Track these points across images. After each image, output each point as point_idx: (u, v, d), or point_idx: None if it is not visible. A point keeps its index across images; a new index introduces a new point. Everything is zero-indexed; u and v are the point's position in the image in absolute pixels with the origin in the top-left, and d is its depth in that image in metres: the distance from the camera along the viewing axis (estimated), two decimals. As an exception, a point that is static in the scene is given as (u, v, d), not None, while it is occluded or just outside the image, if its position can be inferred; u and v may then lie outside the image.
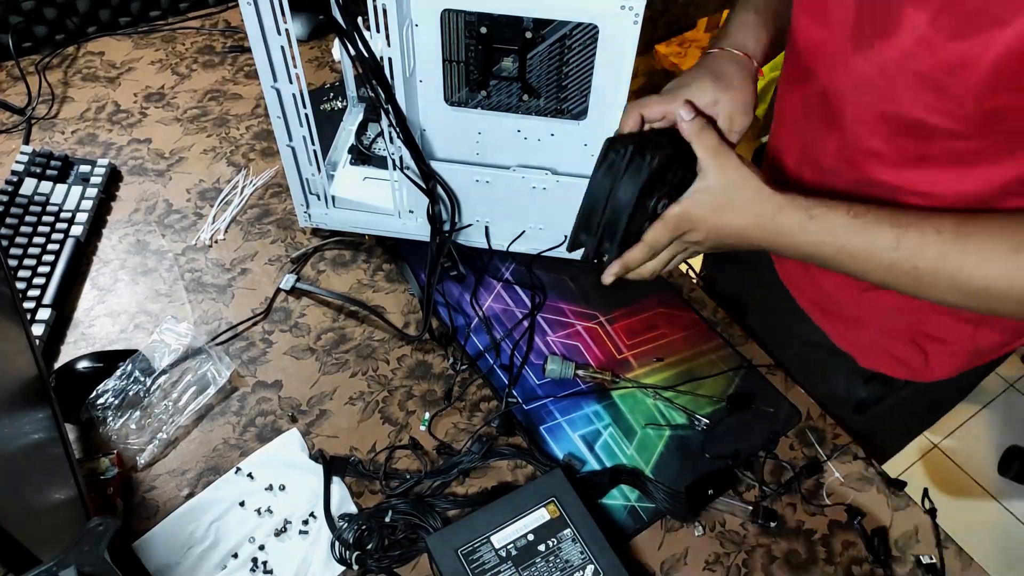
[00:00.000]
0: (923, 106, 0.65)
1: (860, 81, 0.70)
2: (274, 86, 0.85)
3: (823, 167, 0.80)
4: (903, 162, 0.71)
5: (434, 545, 0.72)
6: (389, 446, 0.84)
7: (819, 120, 0.78)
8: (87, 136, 1.18)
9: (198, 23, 1.40)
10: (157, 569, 0.75)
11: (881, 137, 0.71)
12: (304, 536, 0.78)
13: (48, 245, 0.99)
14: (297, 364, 0.92)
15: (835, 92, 0.74)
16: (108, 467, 0.79)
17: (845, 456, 0.84)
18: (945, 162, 0.68)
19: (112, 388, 0.85)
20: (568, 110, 0.85)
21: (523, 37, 0.79)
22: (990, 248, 0.64)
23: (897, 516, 0.80)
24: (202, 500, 0.80)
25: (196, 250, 1.03)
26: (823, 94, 0.76)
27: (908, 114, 0.66)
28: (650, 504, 0.80)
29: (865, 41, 0.68)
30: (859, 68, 0.69)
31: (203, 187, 1.11)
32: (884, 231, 0.66)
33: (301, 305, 0.98)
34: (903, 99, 0.66)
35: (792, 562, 0.77)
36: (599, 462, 0.83)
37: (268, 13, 0.78)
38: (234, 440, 0.85)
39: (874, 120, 0.70)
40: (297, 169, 0.95)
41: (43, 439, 0.70)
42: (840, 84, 0.73)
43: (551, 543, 0.73)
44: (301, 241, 1.05)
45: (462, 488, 0.82)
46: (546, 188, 0.91)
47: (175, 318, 0.93)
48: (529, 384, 0.90)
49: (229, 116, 1.22)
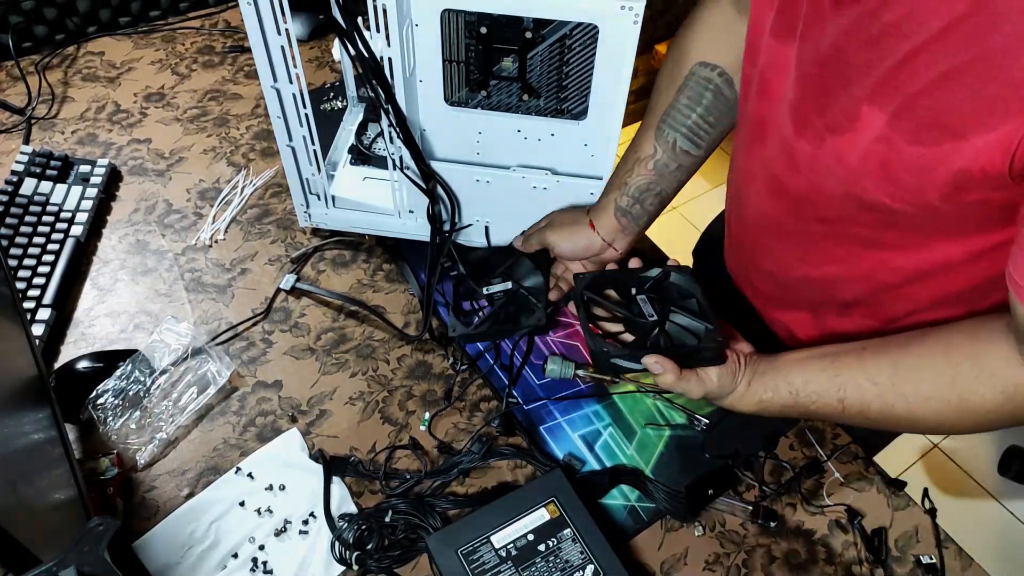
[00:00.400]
0: (885, 194, 0.65)
1: (812, 163, 0.69)
2: (274, 86, 0.85)
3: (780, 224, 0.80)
4: (864, 228, 0.71)
5: (434, 545, 0.72)
6: (389, 446, 0.84)
7: (766, 187, 0.79)
8: (87, 136, 1.18)
9: (198, 23, 1.40)
10: (157, 569, 0.75)
11: (835, 210, 0.71)
12: (304, 536, 0.78)
13: (48, 245, 0.99)
14: (297, 364, 0.92)
15: (783, 168, 0.74)
16: (108, 467, 0.79)
17: (845, 456, 0.84)
18: (909, 231, 0.68)
19: (112, 388, 0.85)
20: (568, 110, 0.85)
21: (523, 37, 0.79)
22: (929, 389, 0.66)
23: (897, 516, 0.80)
24: (202, 500, 0.80)
25: (196, 250, 1.03)
26: (773, 171, 0.76)
27: (868, 197, 0.66)
28: (650, 504, 0.80)
29: (813, 130, 0.67)
30: (807, 151, 0.69)
31: (203, 187, 1.11)
32: (828, 400, 0.71)
33: (301, 305, 0.98)
34: (863, 185, 0.65)
35: (792, 562, 0.77)
36: (599, 462, 0.83)
37: (268, 13, 0.78)
38: (234, 440, 0.85)
39: (828, 196, 0.70)
40: (297, 169, 0.95)
41: (43, 439, 0.70)
42: (784, 163, 0.73)
43: (551, 543, 0.73)
44: (301, 241, 1.05)
45: (462, 488, 0.82)
46: (546, 188, 0.91)
47: (175, 318, 0.93)
48: (529, 384, 0.90)
49: (229, 116, 1.22)
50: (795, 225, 0.77)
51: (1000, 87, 0.53)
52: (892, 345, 0.69)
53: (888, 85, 0.59)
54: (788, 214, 0.77)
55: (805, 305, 0.87)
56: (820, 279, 0.81)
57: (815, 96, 0.67)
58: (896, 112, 0.59)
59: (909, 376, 0.67)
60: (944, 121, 0.56)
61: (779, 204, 0.78)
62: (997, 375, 0.63)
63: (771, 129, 0.75)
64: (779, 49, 0.70)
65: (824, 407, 0.71)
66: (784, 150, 0.73)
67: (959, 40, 0.54)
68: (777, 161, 0.75)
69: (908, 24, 0.56)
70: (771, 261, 0.86)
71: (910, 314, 0.77)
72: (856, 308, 0.81)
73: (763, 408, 0.75)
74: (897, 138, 0.60)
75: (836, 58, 0.63)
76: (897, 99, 0.59)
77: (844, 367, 0.70)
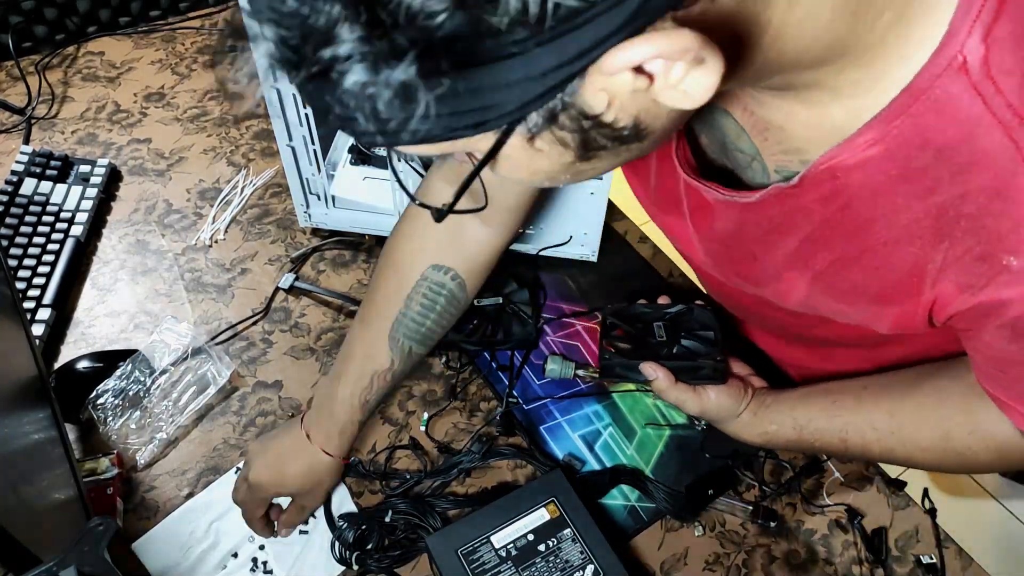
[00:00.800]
0: (817, 329, 0.66)
1: (758, 300, 0.68)
2: (274, 86, 0.85)
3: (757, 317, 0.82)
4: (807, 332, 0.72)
5: (434, 545, 0.72)
6: (389, 446, 0.84)
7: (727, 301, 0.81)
8: (87, 136, 1.18)
9: (198, 23, 1.40)
10: (157, 569, 0.75)
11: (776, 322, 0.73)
12: (304, 536, 0.78)
13: (48, 245, 0.99)
14: (297, 364, 0.92)
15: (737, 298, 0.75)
16: (108, 467, 0.79)
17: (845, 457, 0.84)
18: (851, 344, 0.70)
19: (112, 388, 0.85)
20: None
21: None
22: (926, 442, 0.67)
23: (897, 516, 0.80)
24: (202, 500, 0.80)
25: (196, 250, 1.03)
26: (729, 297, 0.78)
27: (798, 329, 0.68)
28: (650, 504, 0.80)
29: (745, 284, 0.67)
30: (748, 293, 0.68)
31: (203, 187, 1.11)
32: (830, 440, 0.71)
33: (301, 305, 0.98)
34: (814, 319, 0.65)
35: (792, 562, 0.77)
36: (599, 462, 0.83)
37: (268, 13, 0.78)
38: (234, 440, 0.85)
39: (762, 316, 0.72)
40: (297, 169, 0.95)
41: (43, 439, 0.70)
42: (736, 296, 0.74)
43: (551, 543, 0.73)
44: (301, 241, 1.05)
45: (462, 488, 0.82)
46: (548, 186, 0.91)
47: (175, 318, 0.93)
48: (529, 384, 0.90)
49: (229, 116, 1.22)
50: (772, 320, 0.77)
51: (891, 273, 0.53)
52: (890, 389, 0.70)
53: (796, 261, 0.59)
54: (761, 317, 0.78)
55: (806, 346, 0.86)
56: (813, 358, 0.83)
57: (731, 263, 0.66)
58: (813, 280, 0.59)
59: (905, 426, 0.67)
60: (858, 291, 0.57)
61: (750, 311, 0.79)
62: (989, 433, 0.63)
63: (704, 274, 0.76)
64: (668, 221, 0.69)
65: (827, 444, 0.72)
66: (729, 290, 0.73)
67: (841, 235, 0.54)
68: (731, 293, 0.75)
69: (792, 219, 0.56)
70: (758, 337, 0.89)
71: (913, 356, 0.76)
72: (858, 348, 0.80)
73: (768, 440, 0.75)
74: (824, 298, 0.60)
75: (736, 239, 0.62)
76: (809, 272, 0.58)
77: (843, 409, 0.71)
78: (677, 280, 1.01)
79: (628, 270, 1.02)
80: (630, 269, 1.02)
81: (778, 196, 0.54)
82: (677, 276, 1.02)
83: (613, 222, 1.06)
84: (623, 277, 1.01)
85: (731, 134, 0.56)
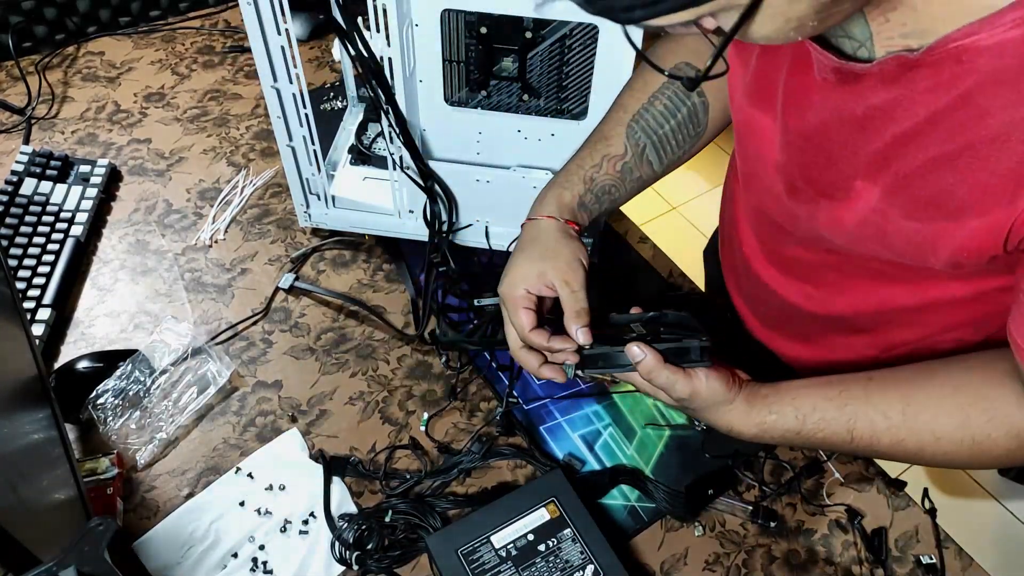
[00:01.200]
0: (885, 255, 0.64)
1: (809, 220, 0.68)
2: (274, 86, 0.85)
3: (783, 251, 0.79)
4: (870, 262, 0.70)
5: (434, 545, 0.72)
6: (389, 446, 0.84)
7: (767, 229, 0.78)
8: (87, 136, 1.18)
9: (198, 23, 1.40)
10: (157, 569, 0.75)
11: (834, 255, 0.71)
12: (304, 536, 0.78)
13: (48, 245, 0.99)
14: (297, 364, 0.92)
15: (782, 218, 0.73)
16: (108, 467, 0.79)
17: (845, 456, 0.84)
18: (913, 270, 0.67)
19: (112, 388, 0.85)
20: (568, 110, 0.85)
21: (523, 37, 0.79)
22: (941, 429, 0.64)
23: (897, 516, 0.80)
24: (202, 500, 0.80)
25: (196, 250, 1.03)
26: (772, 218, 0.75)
27: (863, 254, 0.66)
28: (650, 504, 0.80)
29: (805, 194, 0.66)
30: (803, 210, 0.68)
31: (203, 187, 1.11)
32: (836, 430, 0.67)
33: (301, 305, 0.98)
34: (864, 244, 0.64)
35: (792, 562, 0.77)
36: (599, 462, 0.83)
37: (268, 13, 0.78)
38: (234, 440, 0.85)
39: (829, 241, 0.69)
40: (297, 169, 0.95)
41: (43, 439, 0.70)
42: (783, 216, 0.72)
43: (551, 543, 0.73)
44: (301, 241, 1.05)
45: (462, 488, 0.82)
46: None
47: (175, 318, 0.93)
48: (529, 384, 0.90)
49: (229, 116, 1.22)
50: (803, 256, 0.76)
51: (989, 176, 0.52)
52: (900, 379, 0.67)
53: (878, 164, 0.58)
54: (795, 247, 0.76)
55: (806, 329, 0.85)
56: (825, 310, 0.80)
57: (803, 166, 0.65)
58: (889, 188, 0.58)
59: (921, 414, 0.65)
60: (937, 202, 0.56)
61: (782, 239, 0.77)
62: (1009, 419, 0.62)
63: (759, 185, 0.74)
64: (755, 115, 0.69)
65: (831, 436, 0.69)
66: (779, 205, 0.72)
67: (946, 130, 0.53)
68: (775, 213, 0.74)
69: (894, 109, 0.55)
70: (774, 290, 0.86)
71: (922, 339, 0.76)
72: (862, 334, 0.80)
73: (765, 432, 0.71)
74: (893, 212, 0.59)
75: (823, 135, 0.62)
76: (888, 177, 0.58)
77: (852, 397, 0.68)
78: (677, 280, 1.01)
79: (628, 270, 1.02)
80: (630, 269, 1.02)
81: (893, 72, 0.53)
82: (677, 276, 1.02)
83: (613, 222, 1.06)
84: (623, 277, 1.01)
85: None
